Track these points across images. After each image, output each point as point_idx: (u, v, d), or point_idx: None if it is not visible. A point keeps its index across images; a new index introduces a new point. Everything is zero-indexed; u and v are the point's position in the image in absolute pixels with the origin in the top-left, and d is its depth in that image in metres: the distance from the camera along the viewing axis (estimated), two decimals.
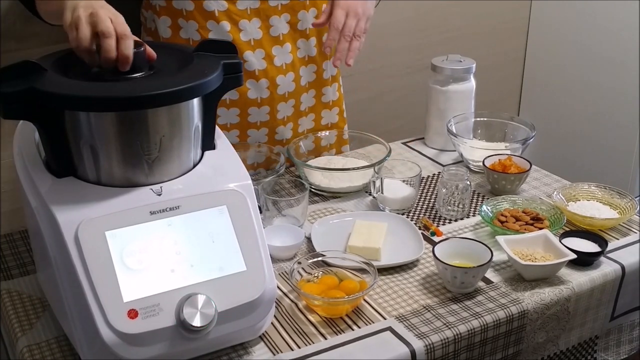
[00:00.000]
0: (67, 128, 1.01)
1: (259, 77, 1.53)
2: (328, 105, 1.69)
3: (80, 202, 1.00)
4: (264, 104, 1.56)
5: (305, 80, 1.61)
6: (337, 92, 1.70)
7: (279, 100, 1.57)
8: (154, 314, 0.97)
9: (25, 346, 1.12)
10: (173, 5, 1.47)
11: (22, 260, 1.34)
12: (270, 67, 1.53)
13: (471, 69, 1.72)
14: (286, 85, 1.57)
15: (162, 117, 1.03)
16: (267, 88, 1.54)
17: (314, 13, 1.55)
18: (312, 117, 1.67)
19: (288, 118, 1.61)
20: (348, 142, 1.73)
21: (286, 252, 1.32)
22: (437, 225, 1.45)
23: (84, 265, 0.96)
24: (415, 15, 2.29)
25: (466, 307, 1.19)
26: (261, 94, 1.55)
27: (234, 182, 1.09)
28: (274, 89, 1.55)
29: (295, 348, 1.11)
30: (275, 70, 1.54)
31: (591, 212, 1.42)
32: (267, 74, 1.54)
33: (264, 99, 1.55)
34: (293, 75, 1.57)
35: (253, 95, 1.54)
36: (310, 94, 1.63)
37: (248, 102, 1.54)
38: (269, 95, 1.56)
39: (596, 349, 1.37)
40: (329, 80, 1.66)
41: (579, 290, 1.26)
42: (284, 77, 1.56)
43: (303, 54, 1.58)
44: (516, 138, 1.70)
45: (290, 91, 1.58)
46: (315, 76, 1.62)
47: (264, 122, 1.58)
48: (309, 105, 1.65)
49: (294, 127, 1.64)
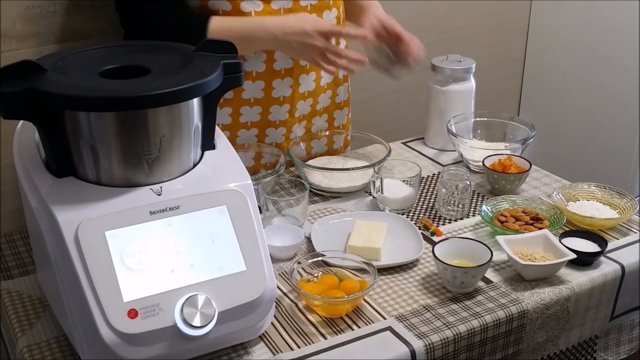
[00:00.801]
0: (67, 128, 1.01)
1: (284, 76, 1.54)
2: (339, 106, 1.71)
3: (80, 202, 1.01)
4: (286, 102, 1.57)
5: (324, 81, 1.63)
6: (347, 93, 1.72)
7: (298, 99, 1.59)
8: (154, 314, 0.97)
9: (25, 346, 1.12)
10: (209, 6, 1.44)
11: (22, 260, 1.34)
12: (296, 65, 1.55)
13: (471, 69, 1.72)
14: (307, 84, 1.59)
15: (162, 117, 1.03)
16: (290, 87, 1.55)
17: (335, 13, 1.57)
18: (325, 117, 1.68)
19: (280, 122, 1.61)
20: (350, 144, 1.74)
21: (286, 252, 1.32)
22: (437, 225, 1.45)
23: (84, 265, 0.96)
24: (415, 15, 2.28)
25: (466, 307, 1.19)
26: (284, 93, 1.56)
27: (234, 182, 1.09)
28: (296, 88, 1.57)
29: (295, 348, 1.11)
30: (300, 69, 1.56)
31: (591, 212, 1.43)
32: (293, 72, 1.55)
33: (286, 97, 1.57)
34: (315, 75, 1.59)
35: (247, 96, 1.54)
36: (327, 94, 1.65)
37: (241, 102, 1.55)
38: (291, 94, 1.57)
39: (596, 349, 1.37)
40: (341, 81, 1.68)
41: (578, 290, 1.26)
42: (307, 77, 1.57)
43: (303, 89, 1.59)
44: (516, 138, 1.70)
45: (310, 90, 1.60)
46: (332, 77, 1.64)
47: (255, 123, 1.58)
48: (324, 105, 1.66)
49: (307, 125, 1.65)
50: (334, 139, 1.70)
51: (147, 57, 1.11)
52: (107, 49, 1.18)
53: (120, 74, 1.04)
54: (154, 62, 1.08)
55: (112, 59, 1.11)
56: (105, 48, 1.18)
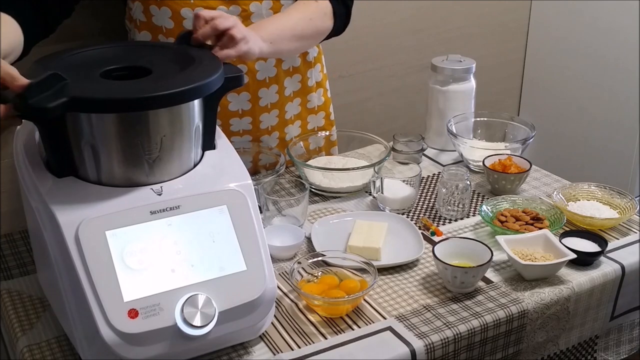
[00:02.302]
0: (68, 128, 1.01)
1: (240, 91, 1.50)
2: (314, 111, 1.67)
3: (81, 202, 1.01)
4: (245, 115, 1.54)
5: (290, 90, 1.59)
6: (322, 97, 1.68)
7: (260, 112, 1.55)
8: (154, 313, 0.97)
9: (26, 346, 1.12)
10: (153, 22, 1.43)
11: (22, 260, 1.34)
12: (252, 82, 1.51)
13: (471, 69, 1.72)
14: (270, 96, 1.55)
15: (162, 117, 1.03)
16: (248, 101, 1.52)
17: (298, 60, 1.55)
18: (298, 124, 1.65)
19: (272, 128, 1.59)
20: (336, 144, 1.73)
21: (286, 252, 1.32)
22: (437, 225, 1.45)
23: (84, 265, 0.96)
24: (415, 15, 2.29)
25: (466, 307, 1.19)
26: (242, 107, 1.53)
27: (234, 181, 1.09)
28: (255, 102, 1.53)
29: (295, 348, 1.11)
30: (258, 84, 1.52)
31: (591, 212, 1.43)
32: (249, 88, 1.51)
33: (245, 111, 1.53)
34: (277, 88, 1.55)
35: (234, 108, 1.52)
36: (295, 102, 1.61)
37: (229, 114, 1.53)
38: (251, 107, 1.53)
39: (596, 349, 1.37)
40: (313, 87, 1.64)
41: (579, 290, 1.26)
42: (267, 90, 1.53)
43: (287, 66, 1.56)
44: (516, 138, 1.70)
45: (273, 102, 1.56)
46: (300, 85, 1.60)
47: (247, 131, 1.56)
48: (295, 113, 1.63)
49: (280, 135, 1.62)
50: (325, 136, 1.69)
51: (149, 58, 1.11)
52: (107, 50, 1.18)
53: (122, 75, 1.03)
54: (155, 63, 1.08)
55: (113, 59, 1.11)
56: (105, 48, 1.18)
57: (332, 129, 1.73)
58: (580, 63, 2.49)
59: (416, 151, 1.65)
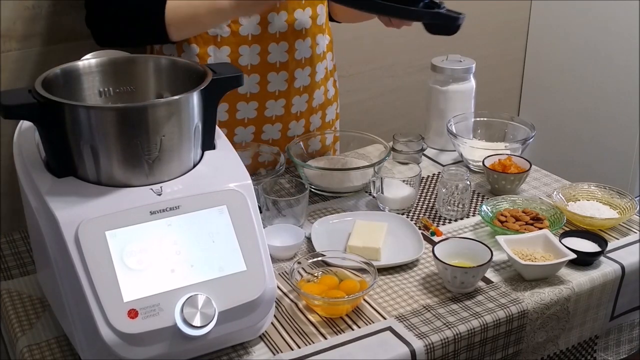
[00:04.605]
0: (67, 128, 1.01)
1: (280, 70, 1.54)
2: (320, 108, 1.69)
3: (81, 202, 1.01)
4: (281, 97, 1.57)
5: (319, 76, 1.62)
6: (332, 87, 1.70)
7: (294, 94, 1.59)
8: (154, 313, 0.97)
9: (25, 346, 1.12)
10: None
11: (22, 260, 1.34)
12: (291, 59, 1.55)
13: (471, 69, 1.72)
14: (278, 83, 1.57)
15: (162, 116, 1.03)
16: (257, 83, 1.54)
17: (309, 43, 1.57)
18: (302, 123, 1.66)
19: (277, 117, 1.61)
20: (339, 139, 1.73)
21: (286, 252, 1.32)
22: (437, 225, 1.45)
23: (84, 265, 0.96)
24: None
25: (466, 307, 1.19)
26: (280, 87, 1.56)
27: (234, 182, 1.09)
28: (292, 82, 1.57)
29: (295, 348, 1.11)
30: (295, 63, 1.56)
31: (591, 212, 1.43)
32: (288, 66, 1.55)
33: (282, 92, 1.57)
34: (309, 70, 1.59)
35: (243, 90, 1.54)
36: (303, 98, 1.63)
37: (238, 97, 1.55)
38: (287, 89, 1.57)
39: (596, 349, 1.37)
40: (322, 82, 1.66)
41: (578, 290, 1.26)
42: (302, 71, 1.57)
43: (300, 56, 1.58)
44: (516, 138, 1.70)
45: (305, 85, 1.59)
46: (310, 80, 1.62)
47: (251, 120, 1.58)
48: (301, 110, 1.64)
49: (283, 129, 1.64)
50: (327, 136, 1.70)
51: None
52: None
53: None
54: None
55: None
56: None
57: (336, 122, 1.75)
58: (580, 63, 2.49)
59: (416, 151, 1.65)
